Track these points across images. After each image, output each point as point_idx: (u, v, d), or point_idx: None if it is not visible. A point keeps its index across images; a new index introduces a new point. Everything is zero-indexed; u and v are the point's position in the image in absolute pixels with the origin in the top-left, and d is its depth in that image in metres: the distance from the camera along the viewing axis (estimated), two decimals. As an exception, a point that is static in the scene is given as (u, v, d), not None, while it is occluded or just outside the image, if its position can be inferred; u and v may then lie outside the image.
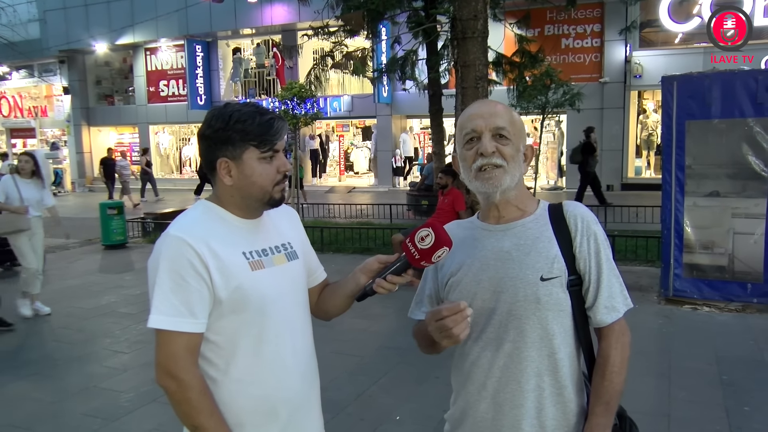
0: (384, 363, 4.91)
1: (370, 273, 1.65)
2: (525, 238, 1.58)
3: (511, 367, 1.53)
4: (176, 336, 1.46)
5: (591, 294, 1.55)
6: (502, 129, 1.56)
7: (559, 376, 1.53)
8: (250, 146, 1.52)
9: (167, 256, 1.48)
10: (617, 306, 1.55)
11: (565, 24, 17.01)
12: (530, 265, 1.53)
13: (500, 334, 1.54)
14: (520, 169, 1.60)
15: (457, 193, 7.56)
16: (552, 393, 1.53)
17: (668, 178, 6.34)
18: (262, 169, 1.54)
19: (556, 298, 1.51)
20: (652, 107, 17.23)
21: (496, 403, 1.55)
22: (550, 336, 1.52)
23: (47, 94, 26.19)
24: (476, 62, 7.41)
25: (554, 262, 1.53)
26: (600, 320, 1.55)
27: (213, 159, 1.55)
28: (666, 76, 6.36)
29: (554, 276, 1.52)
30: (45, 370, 4.99)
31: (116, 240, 10.72)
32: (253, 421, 1.54)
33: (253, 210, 1.61)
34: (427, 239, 1.53)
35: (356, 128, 22.90)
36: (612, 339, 1.55)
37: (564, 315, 1.53)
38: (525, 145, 1.63)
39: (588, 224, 1.57)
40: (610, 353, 1.53)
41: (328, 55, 12.43)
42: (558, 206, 1.63)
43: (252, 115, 1.52)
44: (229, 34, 22.38)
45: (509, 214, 1.62)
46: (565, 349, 1.54)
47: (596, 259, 1.55)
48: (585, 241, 1.56)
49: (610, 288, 1.55)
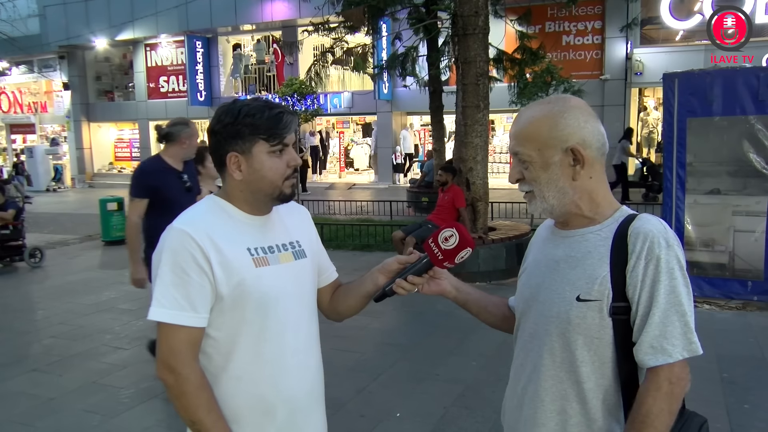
0: (384, 359, 4.91)
1: (390, 273, 1.63)
2: (578, 250, 1.42)
3: (535, 381, 1.44)
4: (176, 330, 1.45)
5: (637, 328, 1.34)
6: (518, 153, 1.44)
7: (589, 407, 1.38)
8: (259, 140, 1.51)
9: (170, 249, 1.47)
10: (669, 349, 1.30)
11: (566, 21, 16.97)
12: (571, 282, 1.39)
13: (529, 344, 1.48)
14: (559, 182, 1.40)
15: (458, 190, 7.55)
16: (580, 422, 1.39)
17: (669, 175, 6.34)
18: (271, 163, 1.53)
19: (590, 323, 1.35)
20: (653, 105, 17.21)
21: (522, 414, 1.49)
22: (576, 362, 1.38)
23: (47, 90, 26.16)
24: (477, 59, 7.39)
25: (597, 283, 1.35)
26: (641, 360, 1.34)
27: (223, 153, 1.54)
28: (668, 73, 6.35)
29: (593, 299, 1.35)
30: (44, 366, 4.99)
31: (116, 236, 10.69)
32: (250, 419, 1.53)
33: (262, 206, 1.60)
34: (451, 240, 1.51)
35: (356, 125, 22.87)
36: (651, 384, 1.31)
37: (600, 343, 1.36)
38: (564, 149, 1.39)
39: (652, 246, 1.32)
40: (645, 400, 1.31)
41: (328, 52, 12.40)
42: (629, 218, 1.40)
43: (261, 109, 1.52)
44: (229, 30, 22.32)
45: (573, 221, 1.45)
46: (596, 380, 1.37)
47: (651, 288, 1.32)
48: (642, 264, 1.32)
49: (665, 326, 1.31)
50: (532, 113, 1.44)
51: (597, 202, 1.43)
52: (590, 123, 1.41)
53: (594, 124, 1.42)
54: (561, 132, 1.39)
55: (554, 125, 1.39)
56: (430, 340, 5.22)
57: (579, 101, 1.45)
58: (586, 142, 1.39)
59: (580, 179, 1.40)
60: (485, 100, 7.58)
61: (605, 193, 1.45)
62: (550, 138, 1.39)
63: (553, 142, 1.39)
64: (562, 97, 1.45)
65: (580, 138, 1.39)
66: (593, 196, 1.43)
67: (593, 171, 1.42)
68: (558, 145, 1.39)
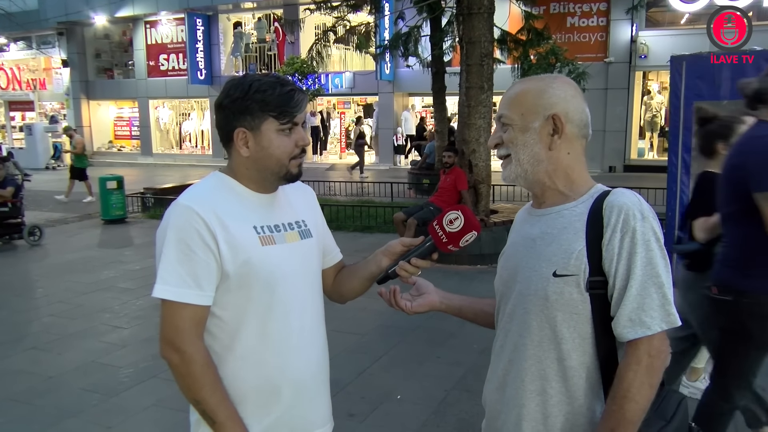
0: (384, 342, 4.90)
1: (393, 256, 1.63)
2: (554, 226, 1.41)
3: (516, 362, 1.43)
4: (181, 307, 1.43)
5: (615, 301, 1.33)
6: (501, 117, 1.46)
7: (569, 385, 1.37)
8: (269, 117, 1.48)
9: (175, 225, 1.44)
10: (647, 321, 1.29)
11: (571, 2, 16.78)
12: (547, 258, 1.38)
13: (508, 325, 1.47)
14: (535, 147, 1.41)
15: (460, 171, 7.50)
16: (561, 402, 1.38)
17: (674, 159, 6.26)
18: (280, 142, 1.50)
19: (568, 298, 1.34)
20: (657, 88, 17.07)
21: (504, 395, 1.48)
22: (558, 339, 1.36)
23: (46, 67, 25.97)
24: (482, 39, 7.29)
25: (573, 257, 1.34)
26: (619, 334, 1.32)
27: (230, 129, 1.51)
28: (675, 56, 6.25)
29: (569, 273, 1.33)
30: (43, 345, 4.97)
31: (115, 215, 10.67)
32: (256, 399, 1.51)
33: (268, 184, 1.57)
34: (456, 222, 1.49)
35: (357, 105, 22.72)
36: (631, 358, 1.30)
37: (579, 319, 1.35)
38: (546, 116, 1.40)
39: (627, 218, 1.31)
40: (625, 374, 1.30)
41: (330, 30, 12.26)
42: (604, 194, 1.39)
43: (273, 86, 1.48)
44: (230, 8, 22.09)
45: (549, 198, 1.46)
46: (578, 357, 1.36)
47: (628, 260, 1.30)
48: (617, 237, 1.31)
49: (642, 298, 1.29)
50: (524, 84, 1.48)
51: (572, 179, 1.44)
52: (576, 100, 1.43)
53: (580, 102, 1.44)
54: (546, 100, 1.41)
55: (541, 93, 1.42)
56: (430, 323, 5.20)
57: (570, 81, 1.47)
58: (568, 116, 1.41)
59: (555, 150, 1.42)
60: (489, 81, 7.49)
61: (581, 172, 1.45)
62: (535, 104, 1.42)
63: (536, 108, 1.41)
64: (554, 75, 1.49)
65: (563, 109, 1.41)
66: (569, 172, 1.44)
67: (571, 148, 1.43)
68: (541, 111, 1.41)
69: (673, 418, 1.38)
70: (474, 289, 6.15)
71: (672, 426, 1.37)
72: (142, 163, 23.10)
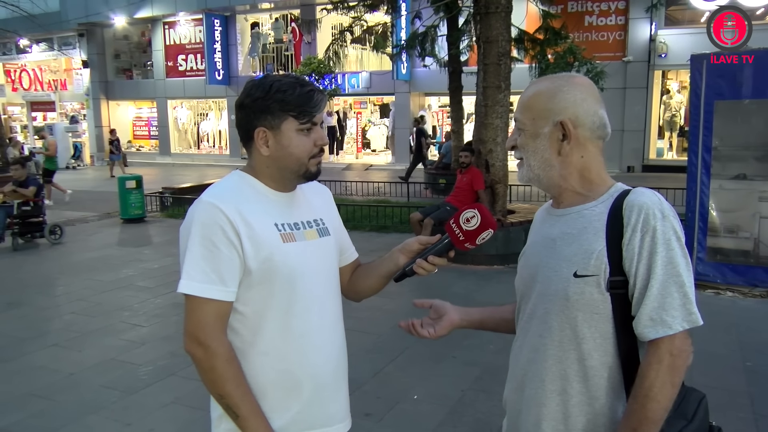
0: (401, 341, 4.89)
1: (410, 254, 1.64)
2: (574, 227, 1.41)
3: (536, 362, 1.43)
4: (205, 303, 1.45)
5: (636, 301, 1.32)
6: (516, 121, 1.48)
7: (590, 385, 1.37)
8: (289, 117, 1.51)
9: (199, 222, 1.47)
10: (668, 321, 1.28)
11: (589, 1, 16.64)
12: (567, 258, 1.37)
13: (528, 325, 1.48)
14: (545, 153, 1.42)
15: (477, 171, 7.47)
16: (581, 402, 1.38)
17: (694, 159, 6.21)
18: (299, 141, 1.53)
19: (588, 298, 1.34)
20: (676, 87, 16.87)
21: (524, 395, 1.47)
22: (579, 339, 1.36)
23: (66, 68, 26.33)
24: (499, 38, 7.26)
25: (593, 257, 1.33)
26: (640, 333, 1.32)
27: (251, 128, 1.54)
28: (696, 54, 6.19)
29: (590, 274, 1.33)
30: (63, 342, 5.04)
31: (134, 214, 10.78)
32: (276, 394, 1.53)
33: (287, 182, 1.60)
34: (472, 221, 1.51)
35: (374, 105, 22.73)
36: (653, 357, 1.29)
37: (600, 319, 1.35)
38: (555, 121, 1.40)
39: (647, 217, 1.30)
40: (647, 373, 1.29)
41: (347, 30, 12.27)
42: (624, 193, 1.38)
43: (292, 86, 1.51)
44: (247, 9, 22.22)
45: (567, 199, 1.46)
46: (599, 357, 1.36)
47: (648, 260, 1.30)
48: (638, 237, 1.30)
49: (663, 297, 1.29)
50: (538, 86, 1.47)
51: (590, 180, 1.43)
52: (588, 102, 1.41)
53: (592, 104, 1.41)
54: (555, 105, 1.41)
55: (551, 98, 1.42)
56: (447, 323, 5.19)
57: (585, 80, 1.46)
58: (578, 120, 1.40)
59: (567, 155, 1.41)
60: (507, 80, 7.46)
61: (599, 171, 1.44)
62: (545, 109, 1.41)
63: (546, 114, 1.41)
64: (569, 75, 1.47)
65: (573, 114, 1.40)
66: (584, 174, 1.43)
67: (585, 151, 1.42)
68: (550, 117, 1.41)
69: (694, 417, 1.37)
70: (491, 288, 6.12)
71: (693, 425, 1.36)
72: (161, 162, 23.33)
